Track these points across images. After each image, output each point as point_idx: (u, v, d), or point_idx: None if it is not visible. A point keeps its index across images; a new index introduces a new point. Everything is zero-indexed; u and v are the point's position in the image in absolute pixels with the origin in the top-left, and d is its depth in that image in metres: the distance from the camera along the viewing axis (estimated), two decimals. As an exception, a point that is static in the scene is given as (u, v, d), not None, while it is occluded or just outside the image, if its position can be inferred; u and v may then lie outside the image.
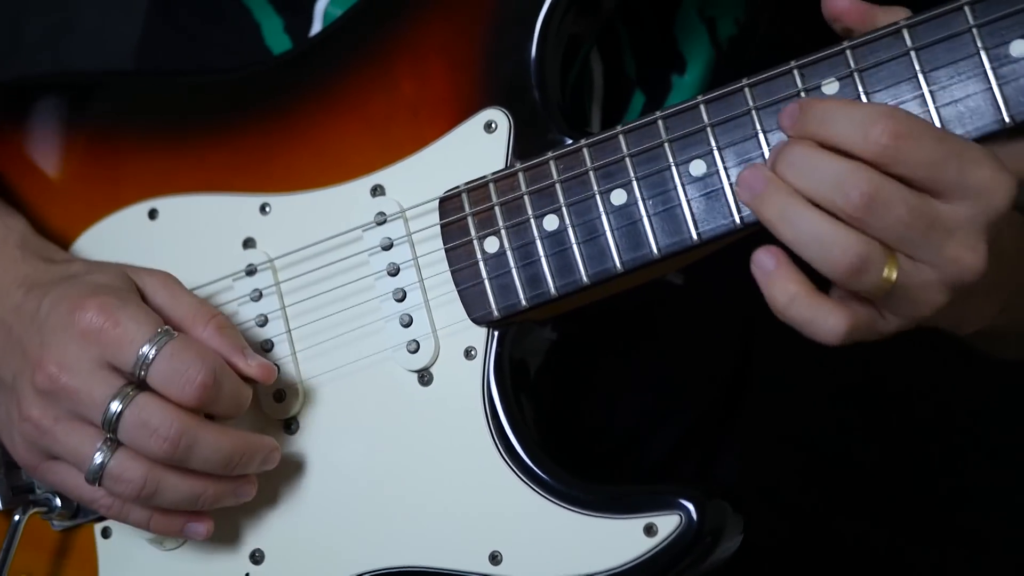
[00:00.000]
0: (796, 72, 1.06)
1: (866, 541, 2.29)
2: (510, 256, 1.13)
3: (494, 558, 1.12)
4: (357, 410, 1.18)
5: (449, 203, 1.16)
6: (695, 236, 1.08)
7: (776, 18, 1.37)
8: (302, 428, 1.20)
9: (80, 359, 1.12)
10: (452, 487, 1.14)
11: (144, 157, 1.30)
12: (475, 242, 1.15)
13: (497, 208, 1.14)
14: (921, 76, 1.03)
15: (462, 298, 1.15)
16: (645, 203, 1.10)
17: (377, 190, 1.19)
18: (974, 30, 1.02)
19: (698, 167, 1.08)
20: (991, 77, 1.01)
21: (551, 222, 1.12)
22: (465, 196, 1.15)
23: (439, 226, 1.16)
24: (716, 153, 1.08)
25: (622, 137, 1.11)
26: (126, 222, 1.28)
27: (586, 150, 1.12)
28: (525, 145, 1.15)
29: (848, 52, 1.05)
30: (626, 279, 1.12)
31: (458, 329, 1.15)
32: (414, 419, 1.16)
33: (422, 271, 1.16)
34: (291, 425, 1.20)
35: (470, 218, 1.15)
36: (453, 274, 1.15)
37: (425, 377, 1.16)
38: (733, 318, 1.44)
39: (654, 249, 1.09)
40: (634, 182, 1.10)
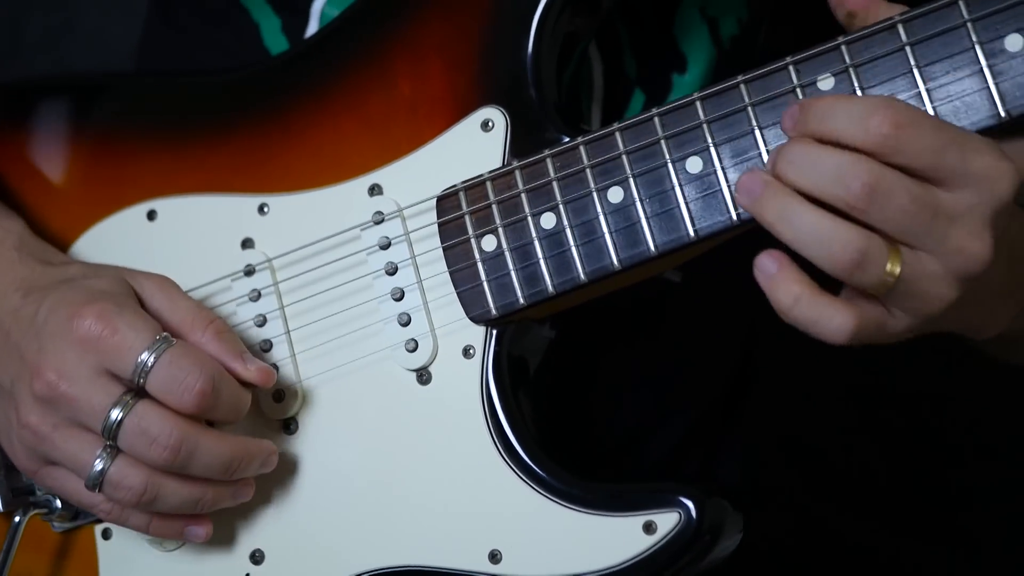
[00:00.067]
0: (792, 68, 1.06)
1: (867, 541, 2.28)
2: (508, 254, 1.13)
3: (494, 557, 1.12)
4: (356, 409, 1.18)
5: (446, 202, 1.16)
6: (692, 233, 1.08)
7: (778, 17, 1.37)
8: (301, 428, 1.20)
9: (79, 366, 1.12)
10: (451, 486, 1.14)
11: (143, 158, 1.30)
12: (473, 241, 1.15)
13: (494, 206, 1.14)
14: (916, 71, 1.03)
15: (460, 297, 1.15)
16: (642, 200, 1.10)
17: (375, 189, 1.19)
18: (969, 24, 1.02)
19: (695, 164, 1.08)
20: (986, 72, 1.01)
21: (548, 220, 1.12)
22: (462, 194, 1.15)
23: (437, 225, 1.16)
24: (712, 150, 1.08)
25: (619, 134, 1.11)
26: (125, 223, 1.28)
27: (583, 148, 1.12)
28: (522, 144, 1.15)
29: (843, 47, 1.05)
30: (624, 276, 1.12)
31: (456, 328, 1.15)
32: (413, 418, 1.16)
33: (420, 270, 1.16)
34: (290, 425, 1.20)
35: (467, 216, 1.15)
36: (451, 273, 1.15)
37: (424, 376, 1.16)
38: (733, 317, 1.44)
39: (651, 246, 1.09)
40: (631, 179, 1.10)
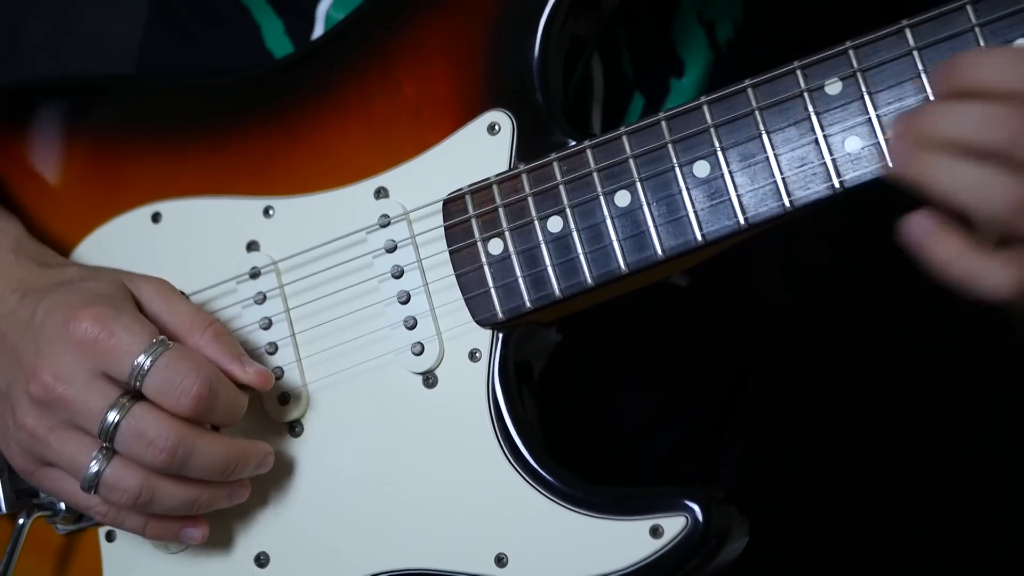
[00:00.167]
0: (799, 72, 1.06)
1: (866, 542, 2.29)
2: (514, 258, 1.13)
3: (500, 560, 1.12)
4: (361, 412, 1.18)
5: (453, 205, 1.16)
6: (700, 237, 1.08)
7: (773, 21, 1.37)
8: (306, 431, 1.20)
9: (75, 369, 1.12)
10: (457, 489, 1.14)
11: (147, 160, 1.29)
12: (479, 244, 1.14)
13: (501, 210, 1.14)
14: (924, 76, 1.03)
15: (466, 300, 1.15)
16: (649, 204, 1.10)
17: (380, 192, 1.19)
18: (976, 29, 1.02)
19: (702, 168, 1.08)
20: (995, 76, 1.01)
21: (555, 224, 1.12)
22: (469, 198, 1.15)
23: (443, 228, 1.16)
24: (720, 154, 1.08)
25: (625, 138, 1.11)
26: (129, 225, 1.28)
27: (589, 151, 1.12)
28: (528, 147, 1.15)
29: (851, 52, 1.05)
30: (631, 280, 1.12)
31: (463, 331, 1.15)
32: (418, 421, 1.16)
33: (426, 273, 1.16)
34: (295, 428, 1.20)
35: (474, 220, 1.15)
36: (457, 276, 1.15)
37: (430, 379, 1.16)
38: (735, 320, 1.44)
39: (658, 251, 1.09)
40: (638, 183, 1.10)
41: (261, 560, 1.20)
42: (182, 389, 1.11)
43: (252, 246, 1.23)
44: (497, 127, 1.16)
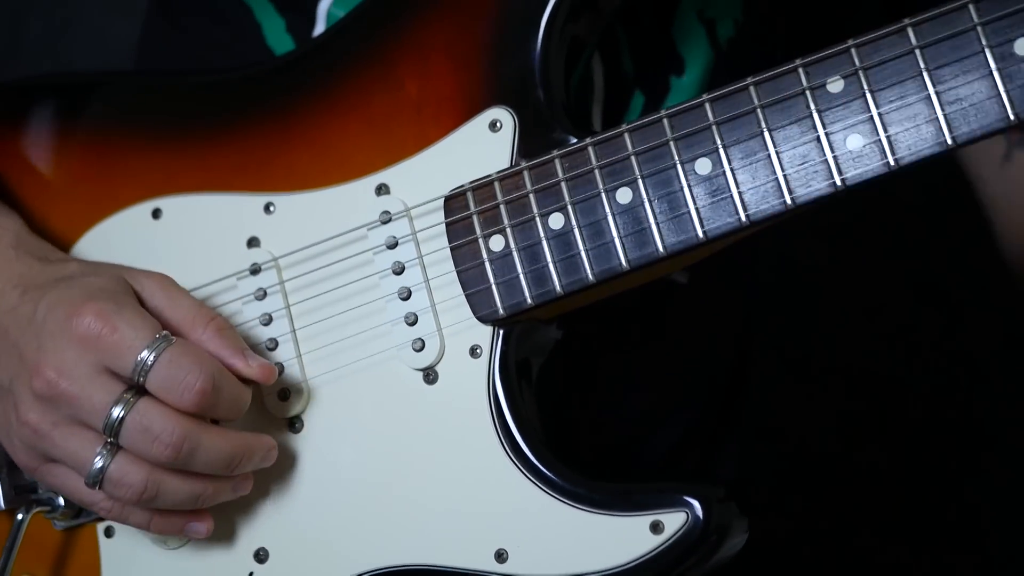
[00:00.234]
0: (801, 70, 1.06)
1: (865, 540, 2.29)
2: (516, 255, 1.13)
3: (500, 556, 1.12)
4: (361, 408, 1.18)
5: (454, 201, 1.16)
6: (701, 234, 1.08)
7: (774, 20, 1.37)
8: (306, 427, 1.20)
9: (78, 365, 1.12)
10: (457, 485, 1.14)
11: (147, 157, 1.29)
12: (480, 240, 1.15)
13: (502, 206, 1.14)
14: (926, 74, 1.03)
15: (467, 297, 1.15)
16: (651, 201, 1.10)
17: (382, 189, 1.19)
18: (978, 28, 1.02)
19: (704, 165, 1.09)
20: (996, 75, 1.02)
21: (556, 220, 1.13)
22: (470, 194, 1.15)
23: (444, 224, 1.16)
24: (722, 151, 1.08)
25: (627, 135, 1.11)
26: (130, 221, 1.28)
27: (591, 148, 1.12)
28: (530, 144, 1.15)
29: (853, 50, 1.05)
30: (632, 277, 1.12)
31: (463, 328, 1.15)
32: (419, 417, 1.16)
33: (427, 270, 1.16)
34: (295, 424, 1.20)
35: (475, 216, 1.15)
36: (458, 273, 1.15)
37: (430, 376, 1.16)
38: (735, 317, 1.45)
39: (660, 247, 1.09)
40: (640, 180, 1.10)
41: (260, 556, 1.20)
42: (186, 384, 1.11)
43: (253, 242, 1.23)
44: (499, 124, 1.16)
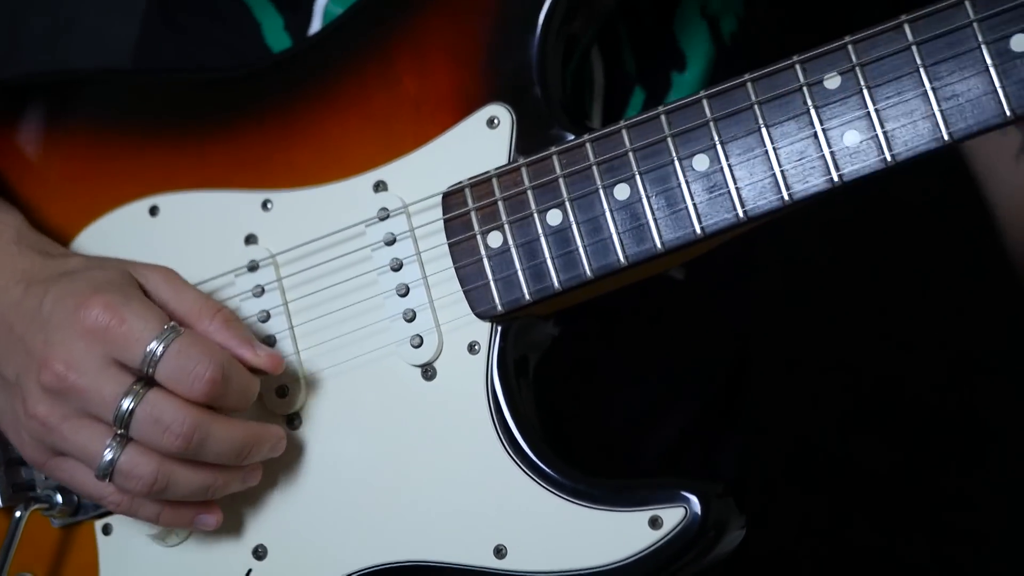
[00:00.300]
0: (798, 67, 1.07)
1: (865, 538, 2.29)
2: (514, 251, 1.14)
3: (499, 552, 1.12)
4: (360, 405, 1.18)
5: (452, 198, 1.16)
6: (699, 230, 1.09)
7: (776, 14, 1.37)
8: (305, 423, 1.20)
9: (87, 357, 1.12)
10: (456, 481, 1.14)
11: (145, 154, 1.29)
12: (478, 237, 1.15)
13: (500, 203, 1.14)
14: (923, 70, 1.04)
15: (466, 293, 1.15)
16: (649, 198, 1.10)
17: (379, 186, 1.19)
18: (975, 24, 1.02)
19: (701, 162, 1.09)
20: (992, 71, 1.02)
21: (555, 217, 1.13)
22: (468, 191, 1.15)
23: (442, 221, 1.16)
24: (719, 148, 1.08)
25: (625, 132, 1.11)
26: (127, 219, 1.28)
27: (589, 145, 1.12)
28: (527, 141, 1.15)
29: (850, 46, 1.05)
30: (630, 273, 1.12)
31: (462, 324, 1.15)
32: (417, 414, 1.16)
33: (425, 266, 1.16)
34: (294, 421, 1.20)
35: (473, 213, 1.15)
36: (456, 269, 1.15)
37: (428, 372, 1.16)
38: (733, 314, 1.45)
39: (658, 243, 1.10)
40: (637, 177, 1.11)
41: (259, 552, 1.20)
42: (195, 375, 1.11)
43: (250, 239, 1.23)
44: (496, 121, 1.16)
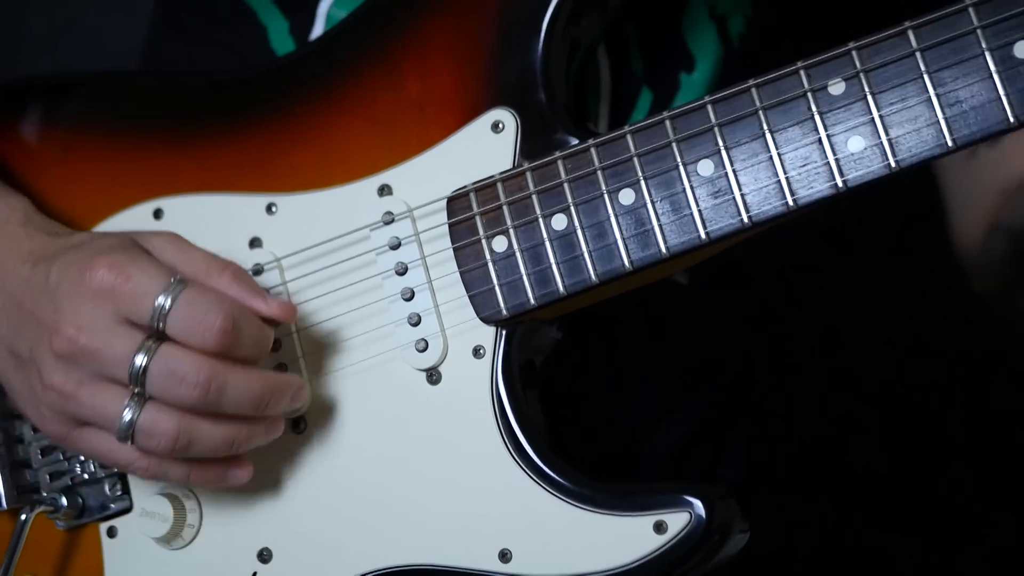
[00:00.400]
0: (803, 72, 1.07)
1: (869, 540, 2.29)
2: (519, 255, 1.14)
3: (504, 556, 1.12)
4: (365, 409, 1.18)
5: (457, 202, 1.16)
6: (704, 236, 1.09)
7: (784, 15, 1.37)
8: (310, 427, 1.20)
9: (97, 318, 1.11)
10: (461, 485, 1.14)
11: (149, 156, 1.30)
12: (483, 241, 1.15)
13: (505, 207, 1.15)
14: (927, 76, 1.04)
15: (471, 297, 1.15)
16: (653, 203, 1.10)
17: (384, 190, 1.20)
18: (978, 31, 1.03)
19: (706, 167, 1.09)
20: (996, 78, 1.02)
21: (559, 221, 1.13)
22: (473, 195, 1.16)
23: (447, 225, 1.16)
24: (724, 153, 1.09)
25: (630, 137, 1.11)
26: (131, 222, 1.28)
27: (594, 150, 1.12)
28: (532, 145, 1.15)
29: (854, 52, 1.06)
30: (634, 278, 1.12)
31: (466, 328, 1.15)
32: (422, 418, 1.16)
33: (430, 271, 1.17)
34: (299, 424, 1.20)
35: (478, 217, 1.15)
36: (461, 273, 1.15)
37: (433, 376, 1.17)
38: (736, 318, 1.45)
39: (663, 248, 1.10)
40: (642, 182, 1.11)
41: (264, 556, 1.20)
42: (206, 324, 1.10)
43: (255, 243, 1.24)
44: (501, 125, 1.17)
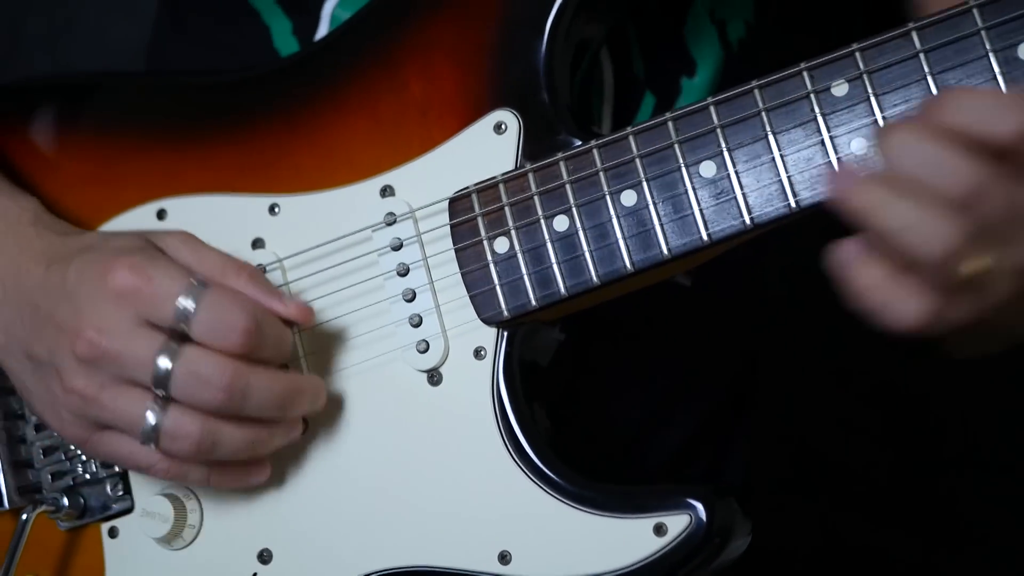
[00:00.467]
0: (806, 74, 1.07)
1: (870, 541, 2.29)
2: (520, 256, 1.14)
3: (503, 558, 1.12)
4: (366, 410, 1.18)
5: (459, 203, 1.16)
6: (705, 237, 1.09)
7: (783, 20, 1.37)
8: (311, 428, 1.20)
9: (118, 321, 1.10)
10: (461, 487, 1.14)
11: (152, 158, 1.29)
12: (485, 242, 1.15)
13: (507, 208, 1.14)
14: (931, 78, 1.04)
15: (472, 298, 1.15)
16: (655, 204, 1.10)
17: (386, 191, 1.19)
18: (983, 32, 1.02)
19: (708, 168, 1.09)
20: (1000, 79, 1.02)
21: (561, 223, 1.13)
22: (475, 196, 1.16)
23: (449, 226, 1.16)
24: (726, 155, 1.08)
25: (632, 138, 1.11)
26: (135, 223, 1.28)
27: (596, 151, 1.12)
28: (535, 146, 1.15)
29: (857, 54, 1.05)
30: (636, 280, 1.12)
31: (468, 329, 1.15)
32: (423, 419, 1.16)
33: (432, 271, 1.17)
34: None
35: (480, 218, 1.15)
36: (463, 274, 1.15)
37: (435, 377, 1.16)
38: (739, 320, 1.45)
39: (664, 250, 1.10)
40: (644, 183, 1.11)
41: (264, 556, 1.20)
42: (229, 326, 1.09)
43: (257, 243, 1.24)
44: (503, 126, 1.16)
